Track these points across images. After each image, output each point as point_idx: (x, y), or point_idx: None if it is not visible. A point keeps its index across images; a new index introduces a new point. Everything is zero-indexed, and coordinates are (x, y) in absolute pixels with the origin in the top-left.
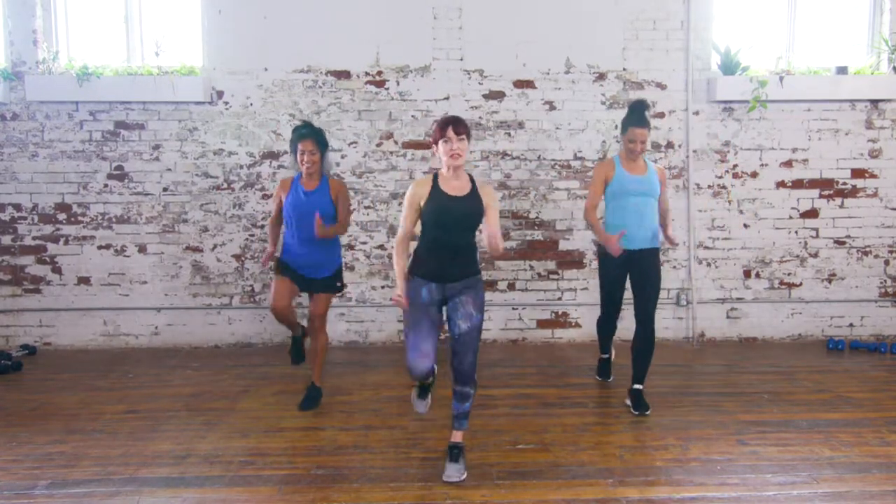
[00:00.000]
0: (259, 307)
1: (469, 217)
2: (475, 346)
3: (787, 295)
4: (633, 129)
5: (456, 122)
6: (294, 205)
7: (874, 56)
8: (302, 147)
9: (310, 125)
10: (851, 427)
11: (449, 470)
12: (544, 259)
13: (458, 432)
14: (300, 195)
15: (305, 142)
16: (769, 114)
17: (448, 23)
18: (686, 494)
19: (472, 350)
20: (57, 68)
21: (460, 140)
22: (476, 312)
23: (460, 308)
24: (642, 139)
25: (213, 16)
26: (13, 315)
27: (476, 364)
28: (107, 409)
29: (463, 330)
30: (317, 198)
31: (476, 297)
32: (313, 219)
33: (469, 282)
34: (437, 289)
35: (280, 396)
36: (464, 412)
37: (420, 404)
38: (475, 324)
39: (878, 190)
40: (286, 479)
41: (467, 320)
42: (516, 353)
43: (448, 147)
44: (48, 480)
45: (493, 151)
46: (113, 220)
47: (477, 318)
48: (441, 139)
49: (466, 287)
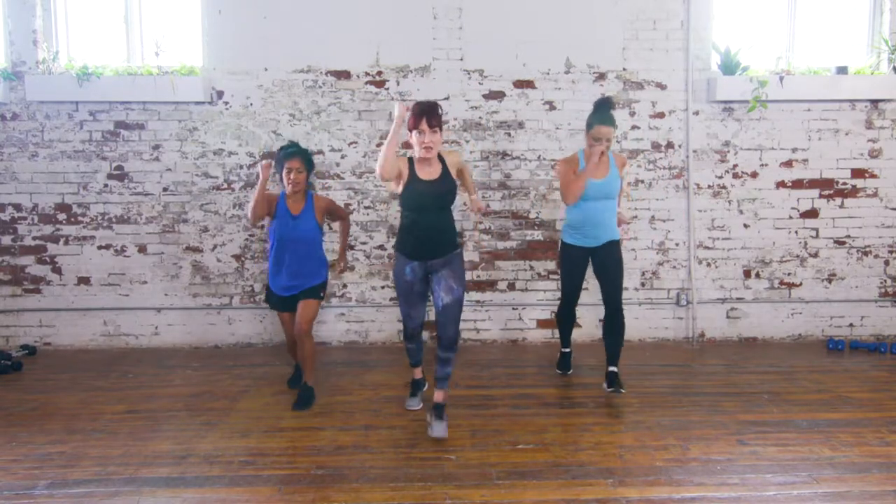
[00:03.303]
0: (259, 307)
1: (444, 197)
2: (458, 317)
3: (787, 295)
4: (599, 127)
5: (430, 114)
6: (282, 230)
7: (874, 56)
8: (289, 165)
9: (297, 145)
10: (851, 427)
11: (436, 427)
12: (544, 259)
13: (441, 392)
14: (288, 220)
15: (293, 160)
16: (769, 114)
17: (448, 23)
18: (686, 494)
19: (455, 320)
20: (57, 68)
21: (433, 132)
22: (456, 285)
23: (443, 281)
24: (608, 136)
25: (213, 16)
26: (13, 315)
27: (459, 332)
28: (107, 409)
29: (446, 302)
30: (304, 223)
31: (455, 271)
32: (301, 244)
33: (448, 258)
34: (420, 266)
35: (280, 396)
36: (446, 375)
37: (412, 402)
38: (456, 296)
39: (878, 190)
40: (286, 479)
41: (449, 293)
42: (516, 353)
43: (421, 139)
44: (48, 480)
45: (493, 151)
46: (113, 220)
47: (458, 290)
48: (415, 129)
49: (447, 262)
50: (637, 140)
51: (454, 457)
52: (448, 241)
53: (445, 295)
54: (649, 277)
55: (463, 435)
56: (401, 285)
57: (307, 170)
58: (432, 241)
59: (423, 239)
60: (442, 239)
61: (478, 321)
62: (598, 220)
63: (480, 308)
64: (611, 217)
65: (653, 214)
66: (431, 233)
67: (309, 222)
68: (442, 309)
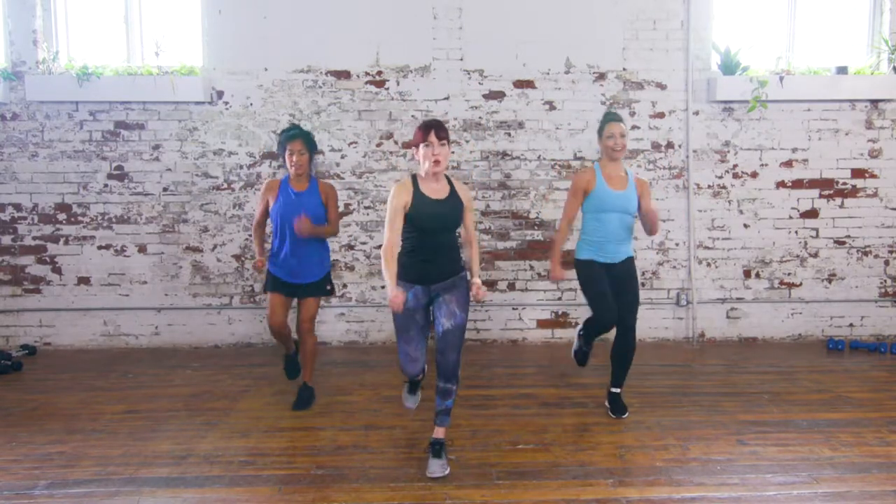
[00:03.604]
0: (259, 307)
1: (452, 218)
2: (459, 345)
3: (787, 295)
4: (610, 124)
5: (438, 127)
6: (284, 207)
7: (874, 56)
8: (291, 147)
9: (299, 127)
10: (851, 427)
11: (432, 466)
12: (544, 259)
13: (440, 428)
14: (290, 196)
15: (295, 142)
16: (769, 114)
17: (448, 23)
18: (686, 494)
19: (455, 348)
20: (57, 68)
21: (442, 145)
22: (460, 311)
23: (444, 307)
24: (621, 132)
25: (213, 16)
26: (13, 315)
27: (460, 362)
28: (107, 409)
29: (447, 328)
30: (307, 199)
31: (460, 297)
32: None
33: (453, 281)
34: (423, 291)
35: (280, 396)
36: (446, 409)
37: (410, 400)
38: (459, 323)
39: (878, 190)
40: (286, 479)
41: (451, 318)
42: (516, 353)
43: (429, 151)
44: (48, 480)
45: (493, 151)
46: (113, 220)
47: (461, 316)
48: (422, 143)
49: (451, 286)
50: (637, 140)
51: (454, 457)
52: (453, 265)
53: (447, 320)
54: (649, 277)
55: (463, 435)
56: (400, 316)
57: (309, 151)
58: (438, 263)
59: (429, 261)
60: (448, 260)
61: (478, 321)
62: (617, 235)
63: (480, 308)
64: (628, 234)
65: None
66: (436, 255)
67: (313, 199)
68: (442, 335)
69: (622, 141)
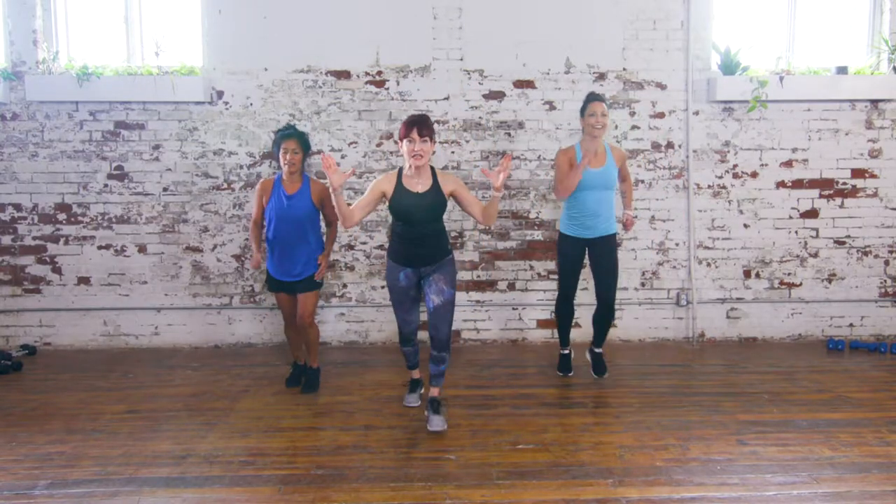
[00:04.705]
0: (259, 307)
1: (432, 210)
2: (449, 318)
3: (787, 295)
4: (592, 103)
5: (421, 124)
6: (276, 209)
7: (874, 56)
8: (285, 146)
9: (294, 127)
10: (851, 427)
11: (433, 421)
12: (544, 259)
13: (436, 388)
14: (282, 199)
15: (289, 141)
16: (769, 114)
17: (448, 23)
18: (686, 494)
19: (446, 321)
20: (57, 68)
21: (423, 142)
22: (447, 287)
23: (433, 285)
24: (602, 111)
25: (213, 16)
26: (13, 315)
27: (451, 333)
28: (107, 409)
29: (437, 304)
30: (298, 201)
31: (447, 275)
32: (294, 225)
33: (440, 263)
34: (413, 272)
35: (280, 396)
36: (440, 372)
37: (411, 398)
38: (447, 298)
39: (878, 190)
40: (286, 479)
41: (440, 295)
42: (516, 353)
43: (411, 147)
44: (48, 480)
45: (493, 151)
46: (113, 220)
47: (449, 292)
48: (405, 139)
49: (438, 267)
50: (637, 140)
51: (454, 457)
52: (439, 249)
53: (436, 297)
54: (649, 277)
55: (463, 435)
56: (395, 292)
57: (303, 151)
58: (423, 251)
59: (414, 248)
60: (433, 248)
61: (478, 321)
62: (594, 210)
63: (480, 308)
64: (608, 209)
65: (653, 214)
66: (422, 242)
67: (304, 202)
68: (433, 311)
69: (603, 119)
